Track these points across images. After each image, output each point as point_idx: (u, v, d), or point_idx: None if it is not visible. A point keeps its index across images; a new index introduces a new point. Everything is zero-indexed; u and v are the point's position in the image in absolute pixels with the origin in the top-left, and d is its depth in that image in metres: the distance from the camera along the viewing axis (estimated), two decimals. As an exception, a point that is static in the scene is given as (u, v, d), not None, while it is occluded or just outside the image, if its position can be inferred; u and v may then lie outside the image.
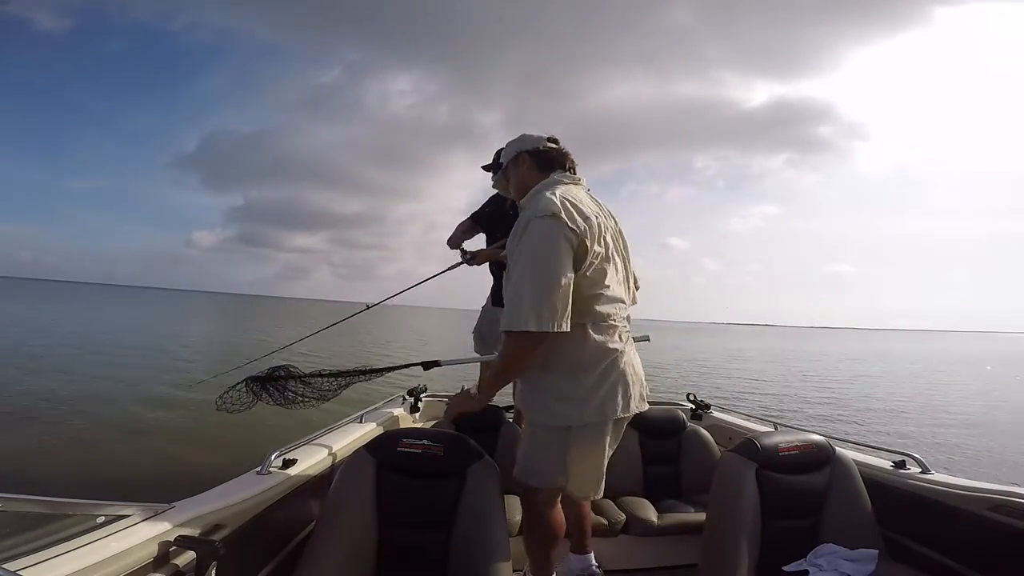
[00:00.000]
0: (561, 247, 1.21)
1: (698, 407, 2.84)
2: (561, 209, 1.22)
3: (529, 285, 1.20)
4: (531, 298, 1.19)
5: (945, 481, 1.58)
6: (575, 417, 1.30)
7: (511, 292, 1.24)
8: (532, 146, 1.44)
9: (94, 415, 6.24)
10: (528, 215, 1.26)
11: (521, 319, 1.19)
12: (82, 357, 11.01)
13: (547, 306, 1.18)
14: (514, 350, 1.26)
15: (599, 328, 1.31)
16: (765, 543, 1.47)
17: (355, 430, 2.03)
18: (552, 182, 1.37)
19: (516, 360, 1.28)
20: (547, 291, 1.18)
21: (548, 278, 1.19)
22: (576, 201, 1.28)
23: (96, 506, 0.95)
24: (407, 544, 1.37)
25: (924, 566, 1.46)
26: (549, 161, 1.43)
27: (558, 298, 1.19)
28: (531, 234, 1.23)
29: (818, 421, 8.75)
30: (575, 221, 1.23)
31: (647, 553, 2.03)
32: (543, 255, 1.21)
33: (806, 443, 1.61)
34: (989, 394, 13.85)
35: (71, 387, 7.69)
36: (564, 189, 1.33)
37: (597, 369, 1.30)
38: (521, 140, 1.47)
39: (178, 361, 11.56)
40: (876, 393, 12.99)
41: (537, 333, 1.19)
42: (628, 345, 1.38)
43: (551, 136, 1.47)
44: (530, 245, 1.23)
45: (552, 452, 1.35)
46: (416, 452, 1.42)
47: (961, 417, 9.91)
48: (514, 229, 1.33)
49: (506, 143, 1.52)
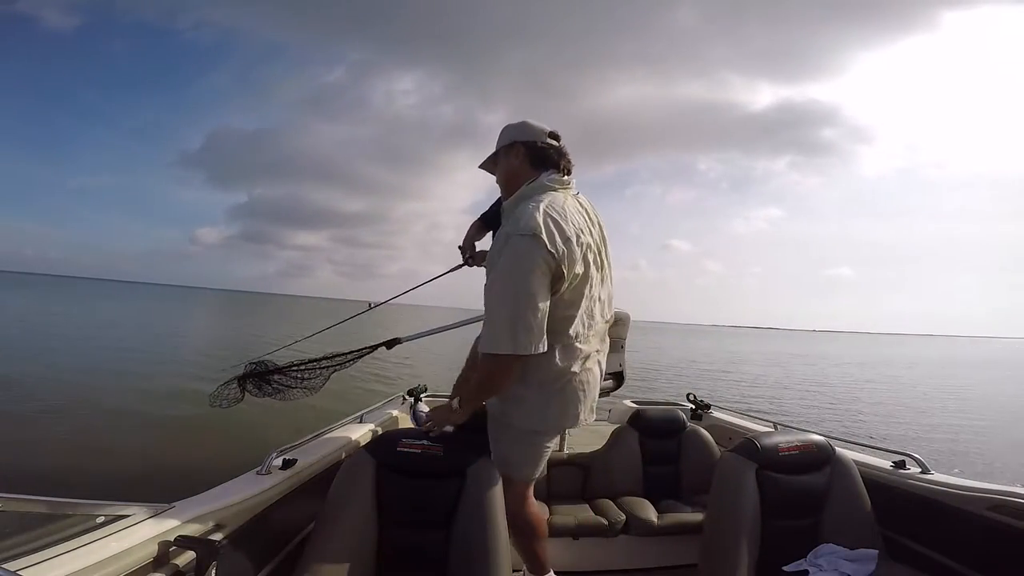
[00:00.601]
0: (539, 269, 1.21)
1: (698, 407, 2.84)
2: (543, 229, 1.20)
3: (506, 308, 1.22)
4: (508, 321, 1.21)
5: (945, 481, 1.58)
6: (537, 424, 1.42)
7: (488, 313, 1.26)
8: (531, 138, 1.39)
9: (94, 414, 6.24)
10: (509, 230, 1.25)
11: (498, 342, 1.22)
12: (82, 355, 11.02)
13: (523, 328, 1.20)
14: (491, 371, 1.29)
15: (566, 351, 1.35)
16: (765, 543, 1.47)
17: (355, 430, 2.03)
18: (540, 188, 1.34)
19: (492, 380, 1.32)
20: (523, 314, 1.20)
21: (525, 301, 1.20)
22: (560, 217, 1.26)
23: (96, 506, 0.95)
24: (407, 544, 1.37)
25: (924, 566, 1.46)
26: (544, 159, 1.39)
27: (534, 321, 1.21)
28: (510, 252, 1.22)
29: (818, 421, 8.76)
30: (555, 244, 1.21)
31: (647, 553, 2.03)
32: (520, 276, 1.20)
33: (806, 443, 1.61)
34: (992, 397, 13.85)
35: (70, 386, 7.68)
36: (550, 200, 1.29)
37: (558, 385, 1.37)
38: (521, 128, 1.41)
39: (178, 360, 11.56)
40: (876, 394, 12.99)
41: (513, 356, 1.22)
42: (591, 361, 1.43)
43: (553, 131, 1.41)
44: (508, 265, 1.22)
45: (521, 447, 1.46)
46: (416, 452, 1.42)
47: (961, 418, 9.91)
48: (496, 239, 1.33)
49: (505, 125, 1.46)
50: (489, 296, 1.27)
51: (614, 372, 2.44)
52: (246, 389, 1.78)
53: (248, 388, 1.78)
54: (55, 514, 0.89)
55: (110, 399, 7.16)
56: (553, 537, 1.88)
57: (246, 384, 1.78)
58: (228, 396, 1.78)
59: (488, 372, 1.31)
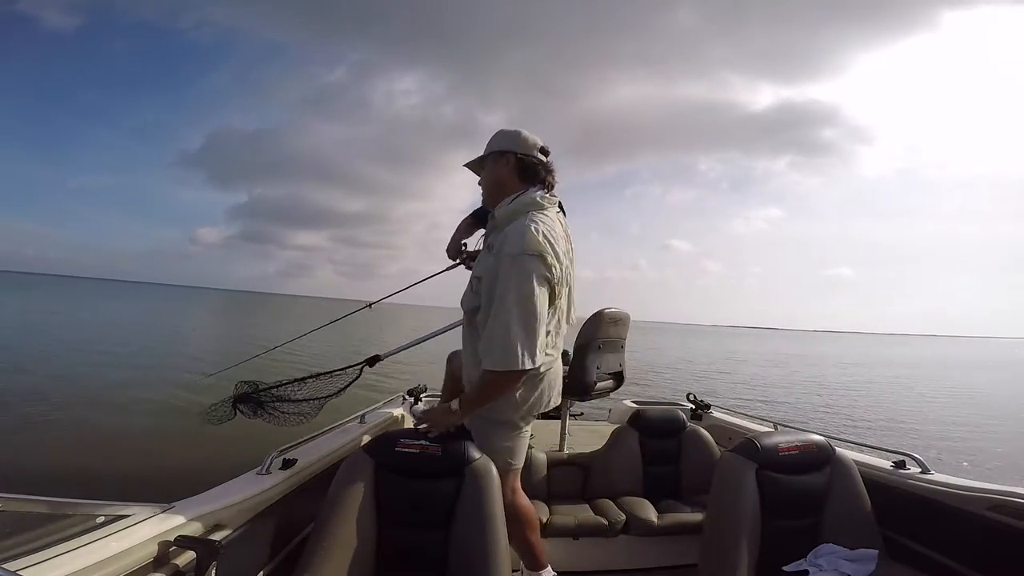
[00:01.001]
0: (544, 289, 1.31)
1: (698, 407, 2.84)
2: (547, 250, 1.30)
3: (520, 328, 1.29)
4: (523, 339, 1.29)
5: (945, 481, 1.58)
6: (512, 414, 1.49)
7: (501, 331, 1.30)
8: (523, 150, 1.44)
9: (94, 414, 6.25)
10: (514, 250, 1.31)
11: (516, 359, 1.28)
12: (81, 355, 11.01)
13: (537, 345, 1.31)
14: (501, 384, 1.36)
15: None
16: (765, 543, 1.47)
17: (355, 430, 2.03)
18: (534, 205, 1.40)
19: (501, 391, 1.39)
20: (535, 332, 1.29)
21: (536, 320, 1.29)
22: (554, 239, 1.34)
23: (96, 506, 0.95)
24: (406, 544, 1.37)
25: (924, 566, 1.46)
26: (533, 173, 1.44)
27: (541, 339, 1.32)
28: (519, 271, 1.29)
29: (818, 421, 8.76)
30: (554, 265, 1.32)
31: (647, 553, 2.03)
32: (530, 296, 1.28)
33: (806, 443, 1.61)
34: (990, 398, 13.86)
35: (70, 386, 7.69)
36: (544, 220, 1.37)
37: (533, 379, 1.46)
38: (514, 138, 1.45)
39: (179, 359, 11.56)
40: (876, 394, 12.99)
41: (523, 371, 1.31)
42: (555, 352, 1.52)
43: (543, 146, 1.46)
44: (519, 284, 1.29)
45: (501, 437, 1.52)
46: (415, 452, 1.42)
47: (960, 419, 9.92)
48: (494, 248, 1.37)
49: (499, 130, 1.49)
50: (501, 312, 1.31)
51: (614, 372, 2.44)
52: (239, 410, 1.81)
53: (241, 409, 1.81)
54: (55, 514, 0.89)
55: (110, 399, 7.17)
56: (553, 537, 1.88)
57: (239, 405, 1.81)
58: (220, 415, 1.81)
59: (497, 384, 1.37)
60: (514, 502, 1.58)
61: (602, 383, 2.33)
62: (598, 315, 2.26)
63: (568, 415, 2.53)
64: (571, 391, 2.24)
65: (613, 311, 2.31)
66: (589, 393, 2.28)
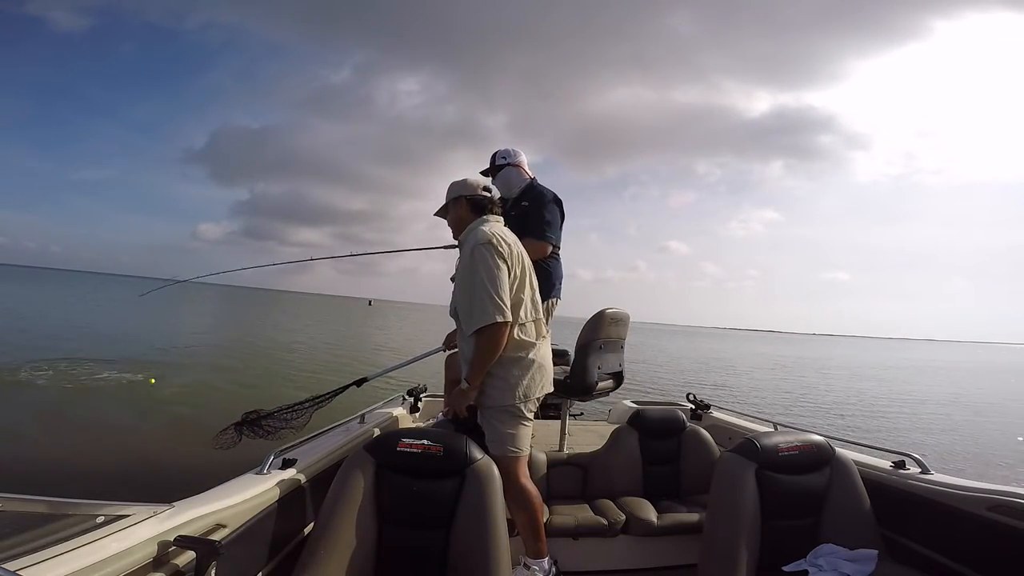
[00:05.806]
0: (503, 265, 1.62)
1: (698, 407, 2.84)
2: (495, 238, 1.65)
3: (484, 289, 1.58)
4: (489, 297, 1.57)
5: (944, 481, 1.59)
6: (512, 397, 1.66)
7: (469, 298, 1.61)
8: (470, 192, 1.83)
9: (93, 414, 6.24)
10: (471, 245, 1.66)
11: (488, 314, 1.56)
12: (79, 352, 10.98)
13: (503, 302, 1.58)
14: (488, 341, 1.59)
15: (523, 328, 1.70)
16: (765, 543, 1.47)
17: (355, 430, 2.03)
18: (485, 220, 1.79)
19: (491, 349, 1.60)
20: (498, 291, 1.58)
21: (497, 283, 1.59)
22: (503, 235, 1.71)
23: (96, 506, 0.95)
24: (407, 544, 1.37)
25: (924, 566, 1.46)
26: (482, 207, 1.82)
27: (506, 297, 1.59)
28: (476, 257, 1.62)
29: (818, 421, 8.76)
30: (503, 247, 1.65)
31: (647, 553, 2.03)
32: (488, 268, 1.60)
33: (806, 443, 1.61)
34: (991, 400, 13.87)
35: (70, 385, 7.68)
36: (493, 225, 1.75)
37: (522, 357, 1.69)
38: (463, 185, 1.84)
39: (178, 359, 11.54)
40: (876, 395, 13.00)
41: (503, 323, 1.57)
42: (540, 340, 1.76)
43: (486, 185, 1.87)
44: (479, 265, 1.61)
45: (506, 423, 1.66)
46: (416, 452, 1.42)
47: (961, 418, 9.92)
48: (461, 257, 1.74)
49: (452, 182, 1.88)
50: (468, 284, 1.62)
51: (614, 372, 2.45)
52: (243, 433, 2.04)
53: (245, 432, 2.05)
54: (55, 514, 0.89)
55: (110, 398, 7.16)
56: (553, 537, 1.88)
57: (243, 429, 2.05)
58: (226, 442, 2.03)
59: (486, 342, 1.59)
60: (524, 486, 1.68)
61: (603, 383, 2.33)
62: (599, 315, 2.26)
63: (568, 415, 2.54)
64: (572, 391, 2.24)
65: (614, 311, 2.31)
66: (590, 393, 2.28)
